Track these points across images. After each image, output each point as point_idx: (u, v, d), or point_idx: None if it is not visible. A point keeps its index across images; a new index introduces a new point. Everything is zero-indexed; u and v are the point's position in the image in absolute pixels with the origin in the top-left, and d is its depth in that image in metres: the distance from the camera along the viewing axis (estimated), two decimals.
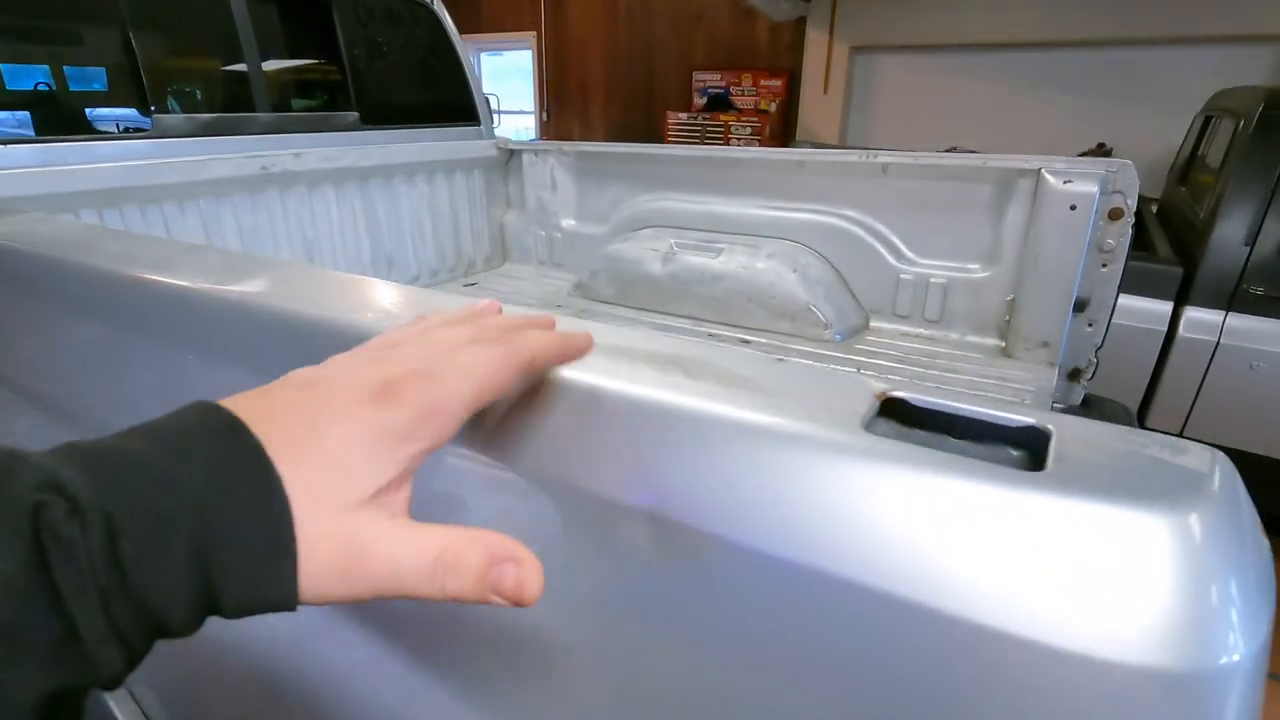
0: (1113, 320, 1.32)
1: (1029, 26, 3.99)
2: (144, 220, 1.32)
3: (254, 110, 1.56)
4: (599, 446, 0.31)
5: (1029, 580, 0.21)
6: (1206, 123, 2.54)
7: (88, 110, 1.39)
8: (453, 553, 0.25)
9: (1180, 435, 2.04)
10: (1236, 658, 0.20)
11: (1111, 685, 0.20)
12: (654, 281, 1.66)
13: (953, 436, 0.28)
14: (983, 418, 0.27)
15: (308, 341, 0.44)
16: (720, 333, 1.55)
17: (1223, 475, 0.23)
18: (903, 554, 0.23)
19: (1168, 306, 1.98)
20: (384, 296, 0.47)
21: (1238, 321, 1.91)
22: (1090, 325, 1.33)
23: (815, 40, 4.69)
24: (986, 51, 4.23)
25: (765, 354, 0.32)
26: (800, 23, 4.73)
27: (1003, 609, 0.21)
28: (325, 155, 1.60)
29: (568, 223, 1.95)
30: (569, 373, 0.32)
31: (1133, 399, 2.08)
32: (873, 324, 1.55)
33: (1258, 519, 0.23)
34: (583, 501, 0.31)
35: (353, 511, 0.24)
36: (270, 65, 1.66)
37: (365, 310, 0.43)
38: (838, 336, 1.47)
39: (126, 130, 1.38)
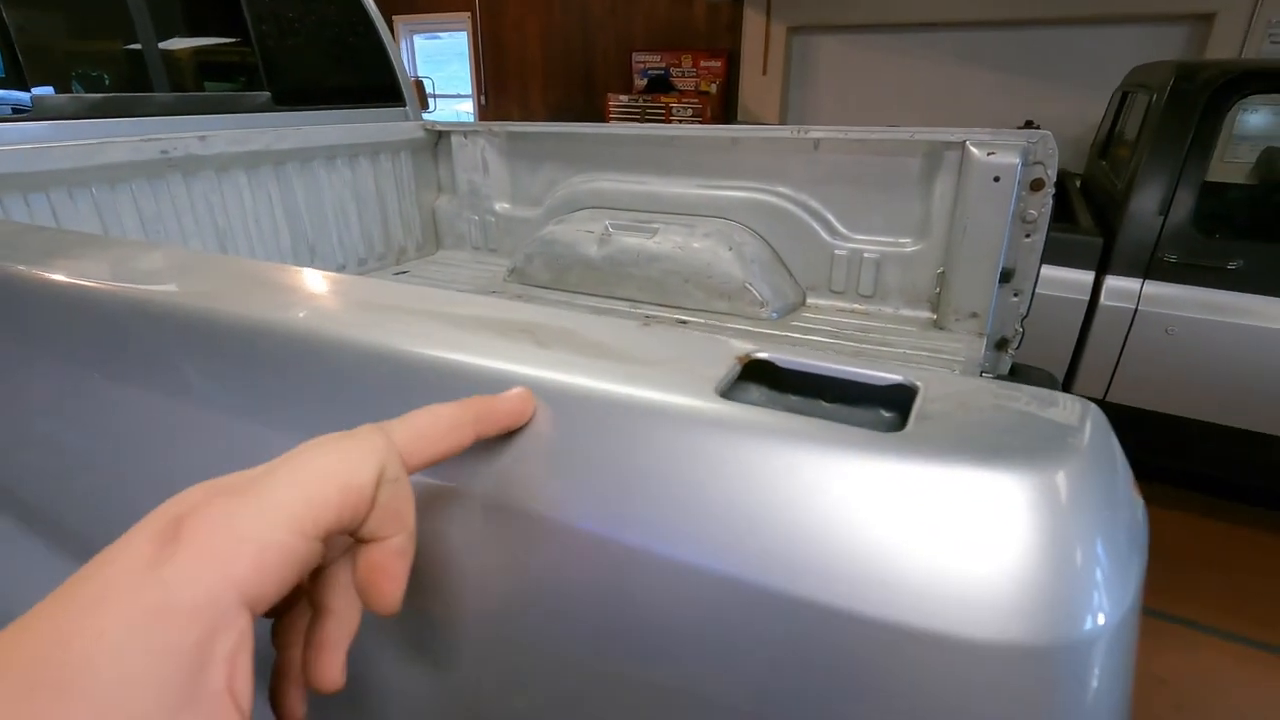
0: (1037, 290, 1.35)
1: (960, 6, 4.07)
2: (29, 210, 1.22)
3: (150, 90, 1.45)
4: None
5: (883, 555, 0.19)
6: (1124, 98, 2.63)
7: None
8: None
9: (1103, 400, 2.13)
10: (1101, 623, 0.18)
11: (968, 665, 0.18)
12: (590, 264, 1.62)
13: (826, 400, 0.26)
14: (850, 377, 0.25)
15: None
16: (658, 314, 1.53)
17: (1094, 429, 0.21)
18: (749, 532, 0.21)
19: (1089, 276, 2.05)
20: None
21: (1154, 289, 1.99)
22: (1016, 295, 1.36)
23: (753, 20, 4.68)
24: (920, 31, 4.30)
25: (636, 321, 0.29)
26: (738, 3, 4.71)
27: (854, 589, 0.19)
28: (234, 138, 1.50)
29: (501, 206, 1.89)
30: (385, 338, 0.28)
31: (1059, 367, 2.15)
32: (809, 300, 1.55)
33: (1130, 473, 0.22)
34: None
35: None
36: (171, 44, 1.55)
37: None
38: (774, 314, 1.47)
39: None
